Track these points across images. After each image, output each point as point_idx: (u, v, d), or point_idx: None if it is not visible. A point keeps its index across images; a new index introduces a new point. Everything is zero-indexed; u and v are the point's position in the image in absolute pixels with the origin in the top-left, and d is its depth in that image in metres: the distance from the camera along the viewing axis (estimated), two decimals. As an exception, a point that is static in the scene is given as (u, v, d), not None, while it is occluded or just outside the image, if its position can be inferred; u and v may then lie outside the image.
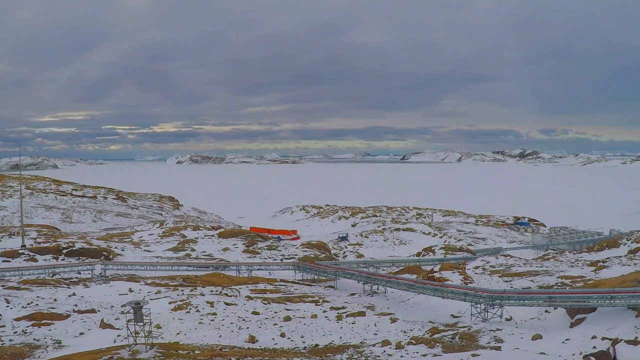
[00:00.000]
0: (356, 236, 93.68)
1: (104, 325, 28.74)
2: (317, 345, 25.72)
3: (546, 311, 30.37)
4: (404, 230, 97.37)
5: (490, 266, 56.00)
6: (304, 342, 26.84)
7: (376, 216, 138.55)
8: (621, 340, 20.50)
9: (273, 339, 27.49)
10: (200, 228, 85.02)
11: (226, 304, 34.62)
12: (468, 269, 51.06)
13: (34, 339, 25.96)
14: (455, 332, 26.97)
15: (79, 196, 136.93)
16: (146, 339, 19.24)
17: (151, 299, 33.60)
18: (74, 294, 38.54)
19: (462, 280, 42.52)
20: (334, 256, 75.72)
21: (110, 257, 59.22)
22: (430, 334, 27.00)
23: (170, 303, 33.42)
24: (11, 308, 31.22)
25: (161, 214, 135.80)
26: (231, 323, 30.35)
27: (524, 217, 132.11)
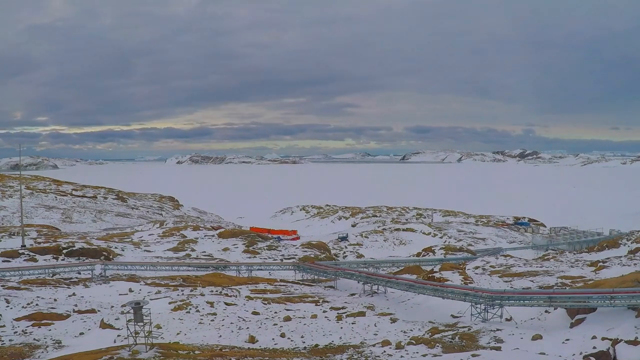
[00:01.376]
0: (356, 236, 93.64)
1: (104, 325, 28.76)
2: (317, 345, 25.73)
3: (546, 311, 30.37)
4: (404, 230, 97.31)
5: (490, 266, 56.01)
6: (304, 342, 26.85)
7: (376, 216, 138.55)
8: (621, 340, 20.52)
9: (273, 339, 27.49)
10: (200, 228, 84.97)
11: (226, 304, 34.62)
12: (468, 269, 51.08)
13: (34, 339, 25.98)
14: (455, 332, 26.97)
15: (79, 196, 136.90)
16: (146, 339, 19.24)
17: (151, 299, 33.58)
18: (74, 294, 38.56)
19: (462, 281, 42.52)
20: (334, 256, 75.74)
21: (110, 257, 59.21)
22: (430, 334, 26.99)
23: (170, 303, 33.42)
24: (11, 308, 31.24)
25: (161, 214, 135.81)
26: (231, 323, 30.36)
27: (524, 217, 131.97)
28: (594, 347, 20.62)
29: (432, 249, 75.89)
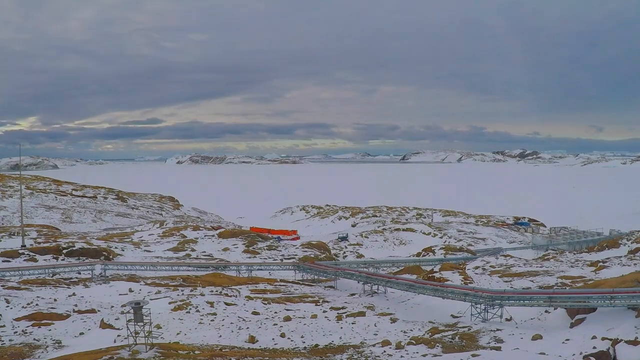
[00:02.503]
0: (356, 236, 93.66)
1: (104, 325, 28.77)
2: (317, 345, 25.74)
3: (546, 311, 30.39)
4: (404, 230, 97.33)
5: (490, 266, 56.01)
6: (304, 342, 26.85)
7: (376, 216, 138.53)
8: (621, 340, 20.52)
9: (273, 339, 27.50)
10: (200, 228, 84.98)
11: (226, 304, 34.64)
12: (468, 269, 51.07)
13: (34, 339, 25.98)
14: (455, 332, 26.97)
15: (79, 196, 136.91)
16: (146, 339, 19.25)
17: (151, 299, 33.61)
18: (74, 294, 38.55)
19: (462, 281, 42.52)
20: (334, 256, 75.73)
21: (110, 257, 59.21)
22: (430, 334, 27.00)
23: (170, 303, 33.44)
24: (11, 308, 31.24)
25: (161, 214, 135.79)
26: (231, 323, 30.37)
27: (524, 217, 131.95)
28: (594, 347, 20.62)
29: (432, 249, 75.90)
